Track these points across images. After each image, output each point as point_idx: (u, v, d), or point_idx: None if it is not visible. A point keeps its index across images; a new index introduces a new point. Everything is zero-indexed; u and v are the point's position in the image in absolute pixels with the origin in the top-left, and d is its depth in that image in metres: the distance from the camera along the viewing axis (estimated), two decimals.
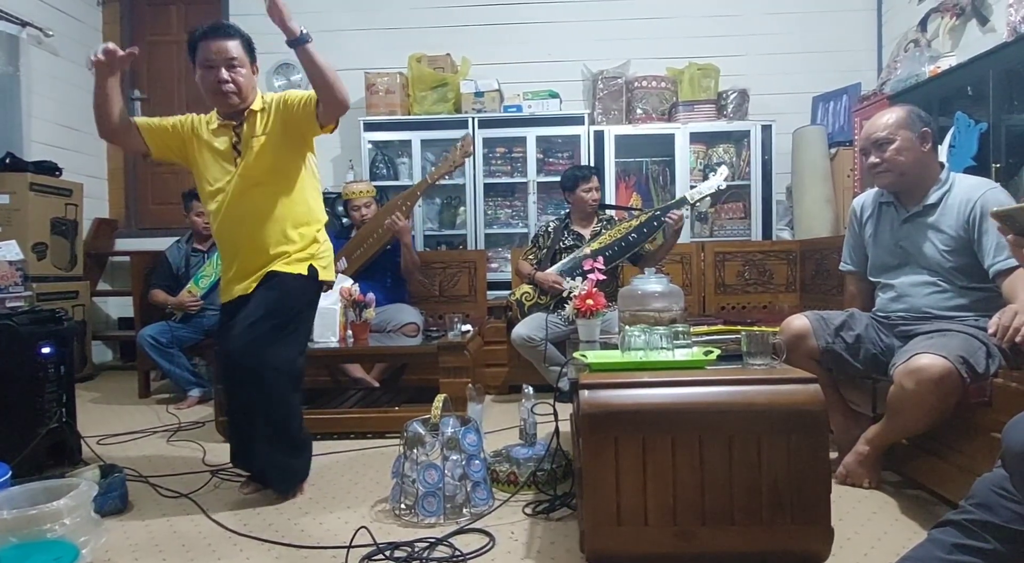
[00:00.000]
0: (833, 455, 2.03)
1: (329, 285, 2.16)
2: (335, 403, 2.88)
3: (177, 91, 4.76)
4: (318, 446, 2.25)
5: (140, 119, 2.04)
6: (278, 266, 1.99)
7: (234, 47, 1.93)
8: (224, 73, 1.91)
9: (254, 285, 2.00)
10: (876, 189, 2.07)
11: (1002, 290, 1.73)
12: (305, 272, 2.01)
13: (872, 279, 2.09)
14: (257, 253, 2.00)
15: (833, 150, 3.98)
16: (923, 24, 3.72)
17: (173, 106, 4.74)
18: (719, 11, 4.39)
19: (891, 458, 1.94)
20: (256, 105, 2.00)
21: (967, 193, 1.85)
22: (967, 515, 1.13)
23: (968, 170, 2.77)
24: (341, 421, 2.64)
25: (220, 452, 2.36)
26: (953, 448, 1.71)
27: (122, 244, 4.59)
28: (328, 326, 2.79)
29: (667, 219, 3.02)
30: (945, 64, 3.18)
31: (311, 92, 1.91)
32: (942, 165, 1.96)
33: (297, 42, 1.78)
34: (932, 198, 1.90)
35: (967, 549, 1.11)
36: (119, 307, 4.57)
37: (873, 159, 1.93)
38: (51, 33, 4.10)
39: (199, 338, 3.41)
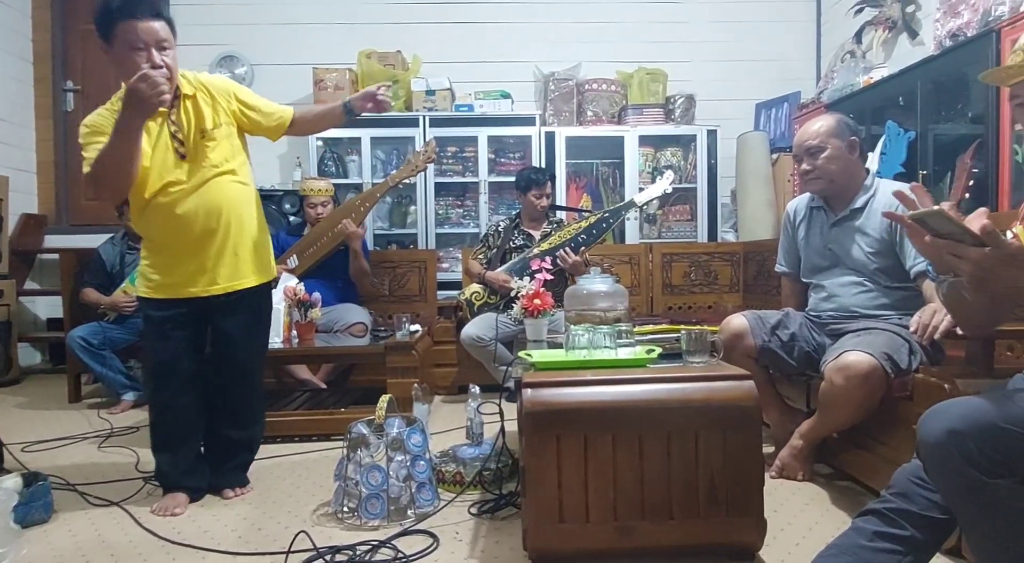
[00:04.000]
0: (770, 449, 2.10)
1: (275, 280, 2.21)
2: (279, 406, 2.81)
3: (115, 82, 4.51)
4: (260, 450, 2.19)
5: None
6: (259, 277, 2.02)
7: (162, 28, 1.77)
8: (157, 57, 1.75)
9: (231, 288, 1.94)
10: (808, 194, 2.16)
11: (922, 290, 1.83)
12: (274, 274, 2.10)
13: (805, 280, 2.17)
14: (234, 243, 1.93)
15: (774, 155, 4.12)
16: (858, 36, 3.89)
17: (109, 97, 4.53)
18: (667, 18, 4.49)
19: (823, 451, 2.03)
20: (186, 89, 1.89)
21: (890, 199, 1.93)
22: (887, 504, 1.18)
23: (898, 176, 2.92)
24: (285, 424, 2.58)
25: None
26: (878, 440, 1.79)
27: (52, 241, 4.36)
28: (271, 326, 2.71)
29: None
30: (878, 75, 3.33)
31: (286, 112, 2.04)
32: (867, 171, 2.06)
33: (354, 115, 2.07)
34: (858, 203, 2.00)
35: (887, 536, 1.16)
36: (48, 307, 4.33)
37: (805, 166, 2.02)
38: None
39: (134, 340, 3.26)
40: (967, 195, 2.54)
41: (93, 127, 1.85)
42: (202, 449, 2.06)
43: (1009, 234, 1.23)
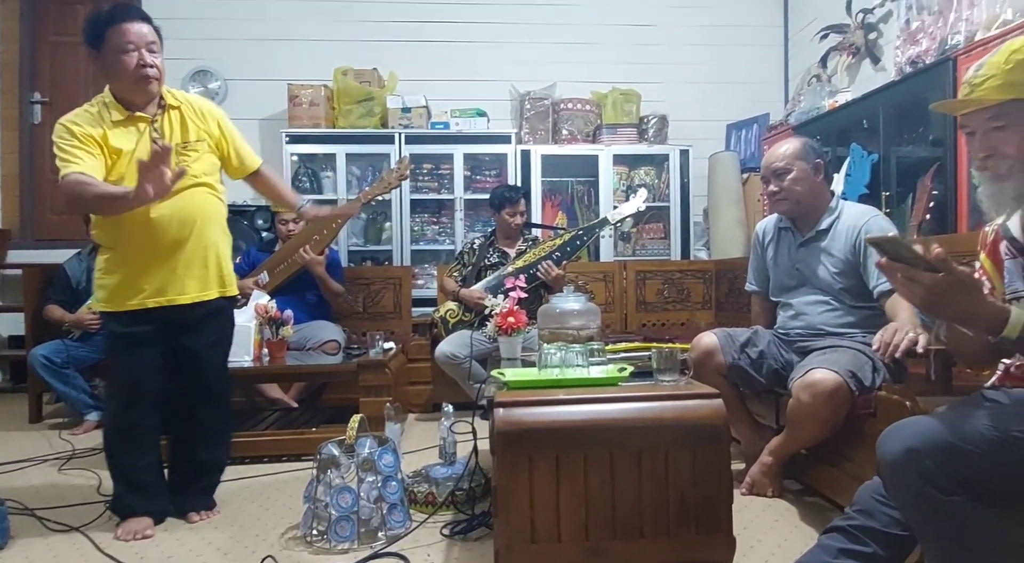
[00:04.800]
0: (741, 466, 2.12)
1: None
2: (248, 425, 2.76)
3: (84, 94, 4.43)
4: (228, 471, 2.15)
5: (89, 173, 1.78)
6: (224, 290, 2.03)
7: (151, 32, 1.86)
8: (147, 56, 1.83)
9: (199, 298, 1.95)
10: (776, 215, 2.21)
11: (885, 309, 1.88)
12: (236, 290, 2.12)
13: (773, 299, 2.22)
14: (203, 254, 1.95)
15: (745, 175, 4.21)
16: (824, 61, 4.02)
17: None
18: (641, 40, 4.58)
19: (793, 467, 2.05)
20: (170, 100, 1.94)
21: (854, 220, 2.01)
22: (851, 521, 1.20)
23: (862, 198, 3.00)
24: (254, 444, 2.53)
25: None
26: (844, 457, 1.82)
27: (16, 256, 4.24)
28: (242, 344, 2.67)
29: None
30: (843, 99, 3.44)
31: (255, 160, 2.15)
32: (832, 193, 2.12)
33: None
34: (824, 224, 2.06)
35: (851, 553, 1.18)
36: (10, 324, 4.20)
37: (772, 187, 2.07)
38: None
39: (98, 358, 3.18)
40: (927, 216, 2.62)
41: (71, 129, 1.81)
42: (166, 472, 2.01)
43: (977, 263, 1.27)
